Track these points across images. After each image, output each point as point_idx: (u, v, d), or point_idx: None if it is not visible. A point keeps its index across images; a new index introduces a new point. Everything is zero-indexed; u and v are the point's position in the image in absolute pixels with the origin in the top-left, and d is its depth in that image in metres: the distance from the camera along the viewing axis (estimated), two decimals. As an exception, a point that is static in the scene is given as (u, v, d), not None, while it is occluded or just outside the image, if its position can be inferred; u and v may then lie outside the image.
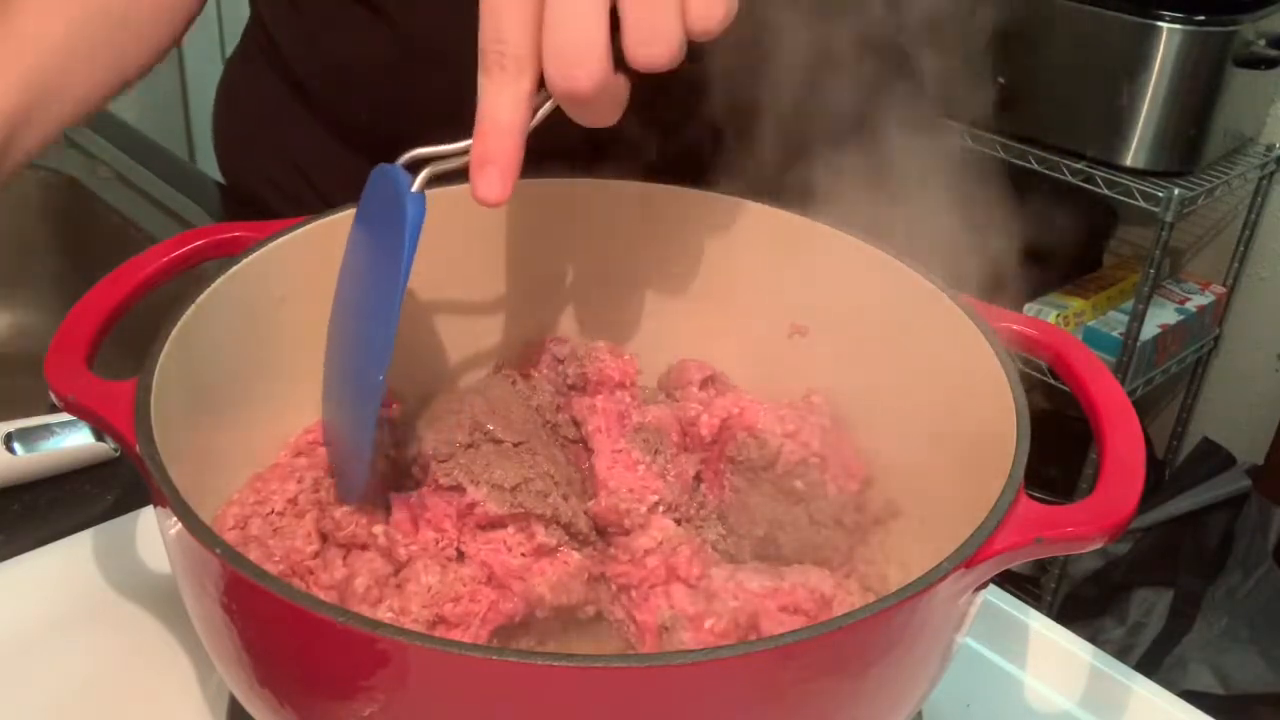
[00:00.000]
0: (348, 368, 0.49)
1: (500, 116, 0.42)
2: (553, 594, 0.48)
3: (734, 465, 0.54)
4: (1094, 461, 1.63)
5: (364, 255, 0.48)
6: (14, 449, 0.62)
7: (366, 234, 0.49)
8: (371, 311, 0.46)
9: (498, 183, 0.43)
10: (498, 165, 0.42)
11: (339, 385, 0.51)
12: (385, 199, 0.46)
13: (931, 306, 0.52)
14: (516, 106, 0.42)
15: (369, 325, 0.46)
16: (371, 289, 0.47)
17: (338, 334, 0.51)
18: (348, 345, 0.49)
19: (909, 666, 0.41)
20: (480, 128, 0.43)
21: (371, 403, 0.45)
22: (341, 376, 0.50)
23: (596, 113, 0.43)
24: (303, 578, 0.48)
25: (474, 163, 0.43)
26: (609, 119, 0.44)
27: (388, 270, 0.44)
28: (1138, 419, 0.46)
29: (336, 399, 0.51)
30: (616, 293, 0.61)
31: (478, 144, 0.43)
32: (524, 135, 0.43)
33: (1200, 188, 1.59)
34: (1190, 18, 1.50)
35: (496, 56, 0.42)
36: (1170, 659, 1.64)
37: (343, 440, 0.50)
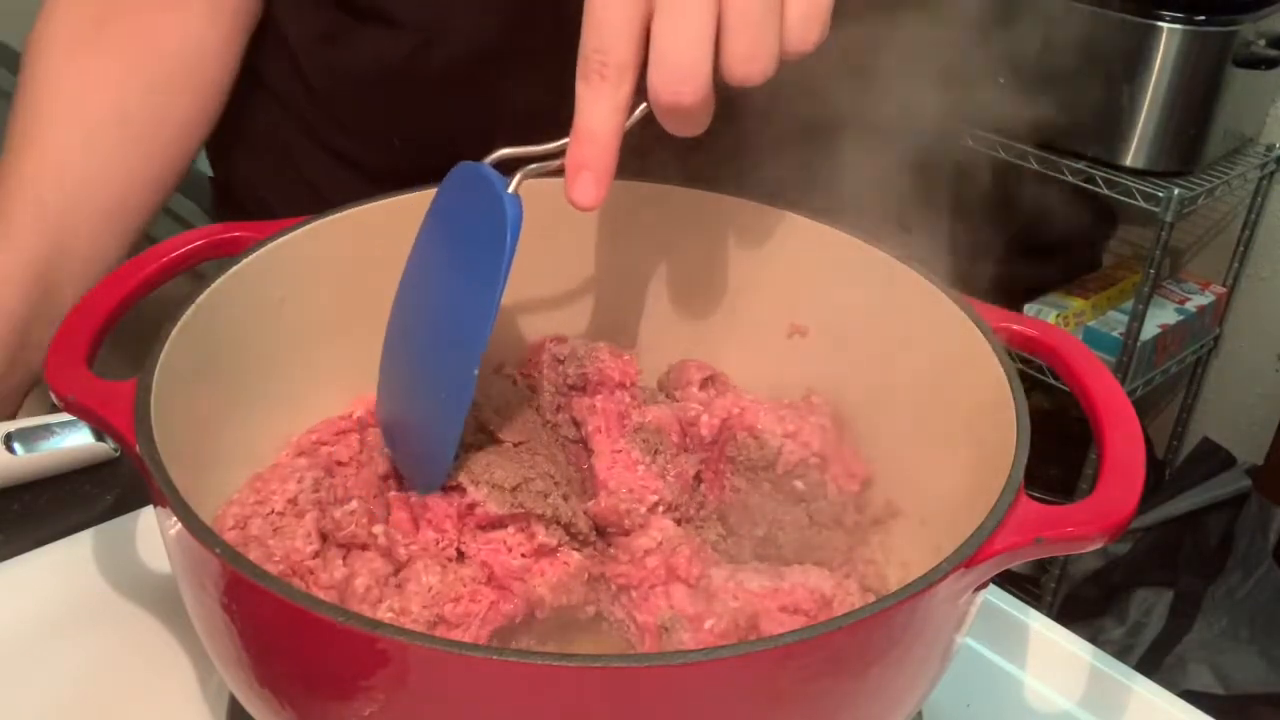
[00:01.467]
0: (427, 365, 0.49)
1: (597, 124, 0.44)
2: (553, 595, 0.48)
3: (734, 465, 0.54)
4: (1094, 461, 1.63)
5: (446, 253, 0.49)
6: (14, 449, 0.62)
7: (449, 231, 0.49)
8: (461, 310, 0.47)
9: (593, 188, 0.44)
10: (594, 171, 0.44)
11: (413, 383, 0.51)
12: (472, 197, 0.47)
13: (931, 306, 0.52)
14: (614, 115, 0.44)
15: (457, 324, 0.47)
16: (460, 288, 0.47)
17: (410, 332, 0.51)
18: (428, 342, 0.50)
19: (909, 666, 0.41)
20: (577, 134, 0.44)
21: (464, 395, 0.46)
22: (417, 374, 0.50)
23: (692, 123, 0.44)
24: (303, 578, 0.48)
25: (570, 168, 0.44)
26: (699, 129, 0.45)
27: (481, 270, 0.46)
28: (1138, 419, 0.46)
29: (409, 395, 0.51)
30: (617, 293, 0.61)
31: (574, 150, 0.44)
32: (619, 142, 0.44)
33: (1200, 188, 1.59)
34: (1190, 18, 1.50)
35: (598, 65, 0.43)
36: (1170, 659, 1.64)
37: (420, 434, 0.50)
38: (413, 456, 0.51)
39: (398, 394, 0.52)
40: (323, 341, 0.54)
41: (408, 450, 0.52)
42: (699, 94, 0.43)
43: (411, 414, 0.51)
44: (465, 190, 0.48)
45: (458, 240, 0.48)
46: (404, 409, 0.52)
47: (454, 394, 0.47)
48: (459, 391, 0.47)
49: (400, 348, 0.52)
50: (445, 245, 0.49)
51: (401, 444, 0.52)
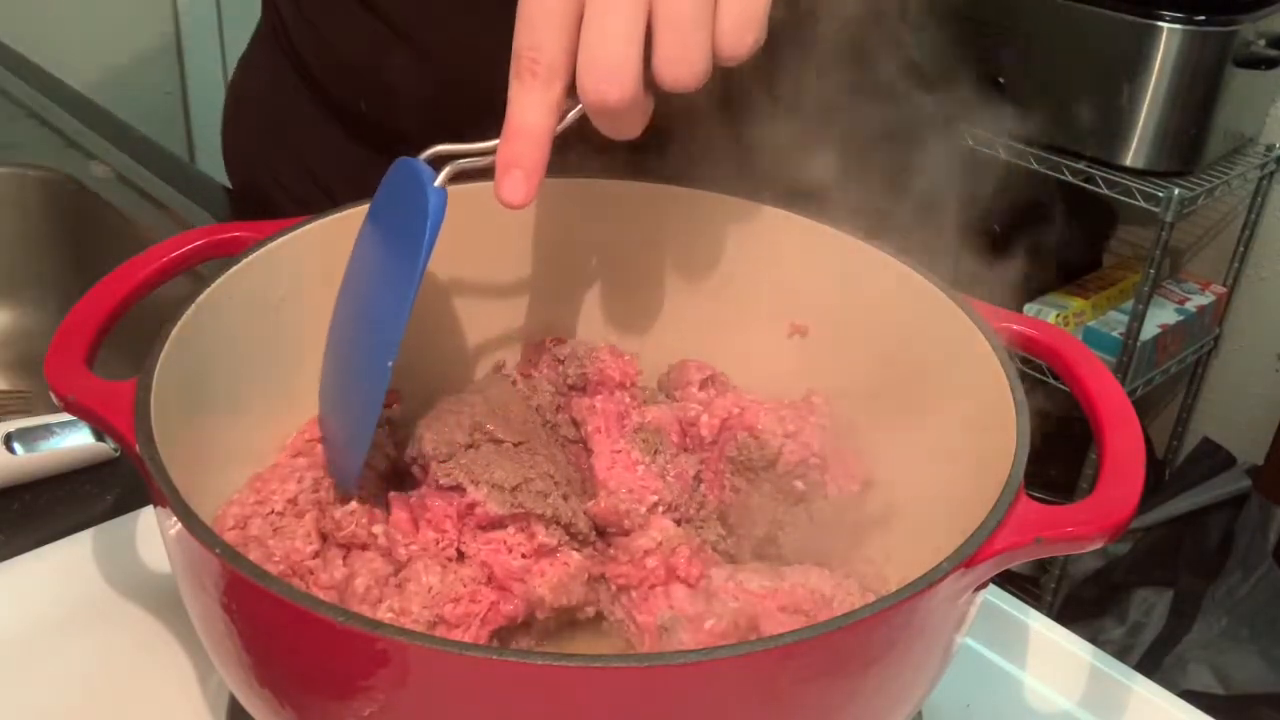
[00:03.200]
0: (353, 357, 0.49)
1: (528, 122, 0.43)
2: (553, 595, 0.48)
3: (734, 465, 0.54)
4: (1094, 461, 1.63)
5: (378, 246, 0.49)
6: (14, 449, 0.62)
7: (382, 225, 0.49)
8: (383, 301, 0.47)
9: (522, 186, 0.44)
10: (523, 169, 0.44)
11: (341, 375, 0.51)
12: (404, 191, 0.47)
13: (931, 306, 0.52)
14: (545, 113, 0.43)
15: (379, 314, 0.47)
16: (384, 279, 0.47)
17: (343, 323, 0.51)
18: (354, 335, 0.50)
19: (909, 666, 0.41)
20: (508, 131, 0.44)
21: (377, 391, 0.46)
22: (345, 366, 0.50)
23: (623, 125, 0.44)
24: (303, 578, 0.48)
25: (500, 165, 0.44)
26: (633, 132, 0.45)
27: (404, 261, 0.45)
28: (1138, 419, 0.46)
29: (337, 389, 0.51)
30: (617, 293, 0.61)
31: (504, 147, 0.44)
32: (550, 141, 0.44)
33: (1200, 188, 1.59)
34: (1190, 18, 1.50)
35: (530, 63, 0.43)
36: (1170, 659, 1.64)
37: (341, 430, 0.50)
38: (334, 449, 0.51)
39: (328, 389, 0.52)
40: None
41: (331, 443, 0.52)
42: (625, 93, 0.42)
43: (334, 411, 0.51)
44: (399, 184, 0.48)
45: (387, 233, 0.48)
46: (331, 402, 0.52)
47: (371, 386, 0.46)
48: (375, 384, 0.46)
49: (332, 343, 0.52)
50: (377, 239, 0.49)
51: (329, 437, 0.52)
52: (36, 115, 1.00)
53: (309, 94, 0.81)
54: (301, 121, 0.82)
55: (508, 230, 0.58)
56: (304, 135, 0.82)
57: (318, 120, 0.81)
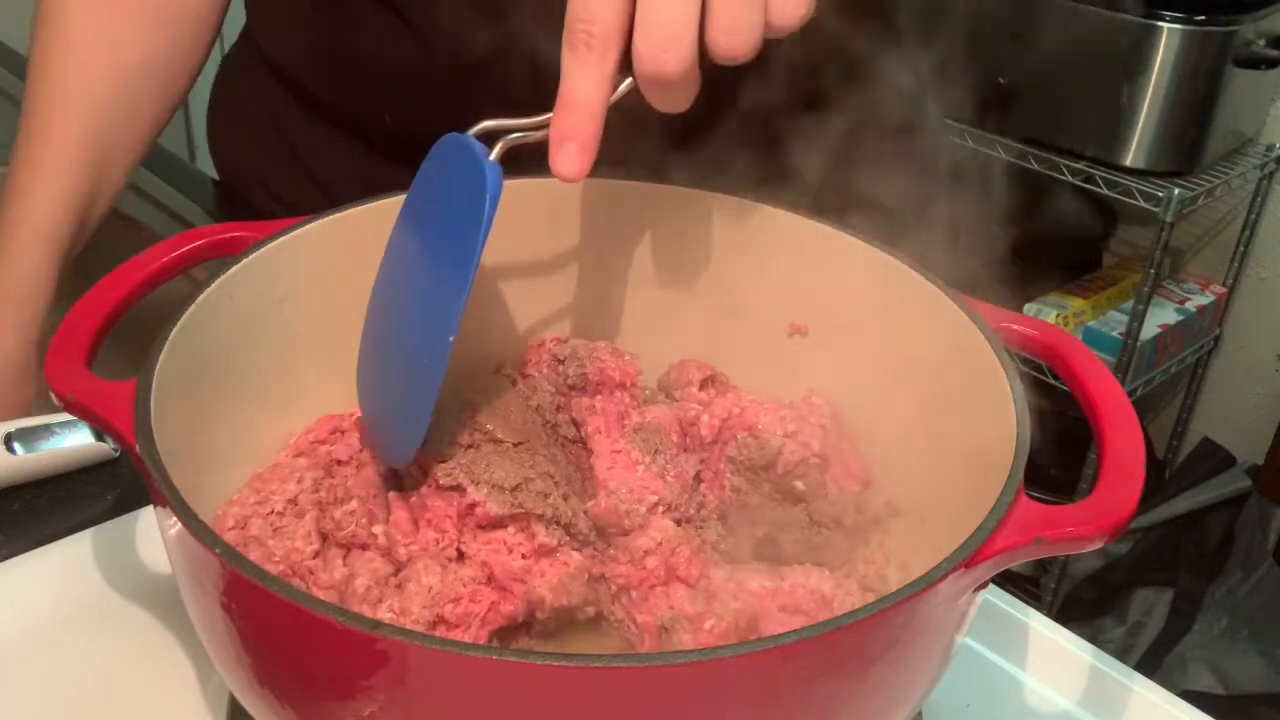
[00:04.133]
0: (404, 336, 0.49)
1: (582, 94, 0.43)
2: (553, 596, 0.48)
3: (734, 465, 0.54)
4: (1094, 461, 1.63)
5: (427, 224, 0.49)
6: (14, 449, 0.62)
7: (430, 202, 0.49)
8: (438, 278, 0.47)
9: (576, 159, 0.44)
10: (578, 141, 0.44)
11: (390, 355, 0.51)
12: (454, 168, 0.47)
13: (931, 306, 0.52)
14: (599, 84, 0.43)
15: (435, 292, 0.47)
16: (438, 257, 0.47)
17: (388, 305, 0.51)
18: (404, 314, 0.49)
19: (909, 666, 0.41)
20: (562, 103, 0.44)
21: (438, 366, 0.46)
22: (394, 346, 0.50)
23: (675, 97, 0.44)
24: (303, 578, 0.48)
25: (554, 138, 0.44)
26: (683, 104, 0.45)
27: (460, 238, 0.45)
28: (1138, 419, 0.46)
29: (386, 370, 0.51)
30: (617, 293, 0.61)
31: (559, 119, 0.44)
32: (604, 113, 0.44)
33: (1200, 188, 1.59)
34: (1190, 18, 1.50)
35: (584, 35, 0.43)
36: (1170, 659, 1.64)
37: (393, 410, 0.50)
38: (386, 430, 0.51)
39: (374, 368, 0.52)
40: (323, 341, 0.54)
41: (382, 424, 0.52)
42: (683, 64, 0.43)
43: (387, 386, 0.51)
44: (448, 161, 0.48)
45: (438, 211, 0.48)
46: (380, 382, 0.52)
47: (430, 362, 0.46)
48: (434, 360, 0.46)
49: (379, 321, 0.52)
50: (426, 216, 0.49)
51: (376, 419, 0.52)
52: (36, 115, 1.00)
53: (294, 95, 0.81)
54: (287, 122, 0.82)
55: (508, 230, 0.58)
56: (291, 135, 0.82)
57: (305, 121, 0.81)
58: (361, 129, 0.78)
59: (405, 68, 0.73)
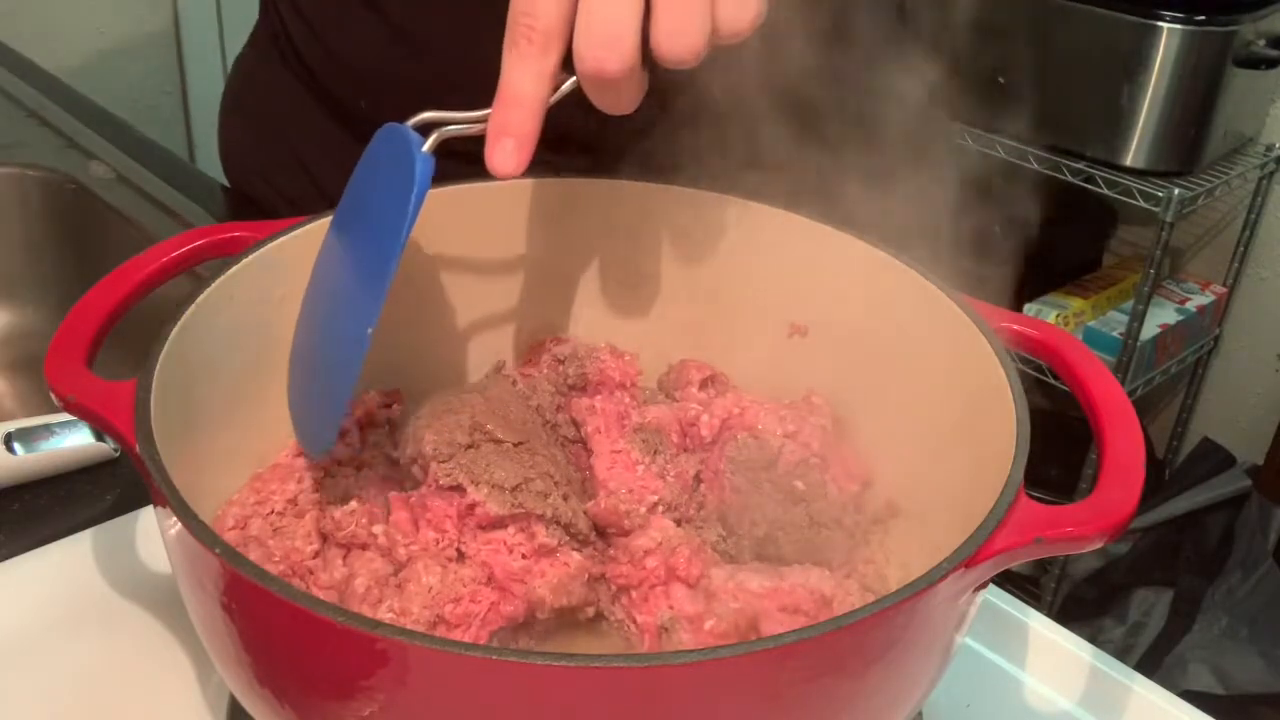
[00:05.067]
0: (331, 325, 0.49)
1: (522, 89, 0.43)
2: (553, 596, 0.48)
3: (734, 465, 0.54)
4: (1094, 461, 1.63)
5: (360, 214, 0.48)
6: (14, 449, 0.62)
7: (365, 192, 0.49)
8: (366, 267, 0.46)
9: (514, 155, 0.43)
10: (515, 138, 0.43)
11: (316, 343, 0.50)
12: (391, 158, 0.46)
13: (931, 306, 0.52)
14: (539, 81, 0.43)
15: (361, 281, 0.46)
16: (367, 246, 0.47)
17: (320, 293, 0.50)
18: (332, 303, 0.49)
19: (909, 666, 0.41)
20: (500, 99, 0.43)
21: (355, 357, 0.45)
22: (321, 334, 0.50)
23: (618, 98, 0.44)
24: (303, 578, 0.48)
25: (491, 133, 0.44)
26: (628, 106, 0.44)
27: (387, 227, 0.45)
28: (1138, 419, 0.46)
29: (312, 358, 0.51)
30: (617, 293, 0.61)
31: (497, 114, 0.43)
32: (543, 110, 0.43)
33: (1200, 188, 1.59)
34: (1190, 18, 1.50)
35: (525, 30, 0.43)
36: (1170, 659, 1.64)
37: (315, 399, 0.50)
38: (305, 421, 0.51)
39: (301, 356, 0.52)
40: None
41: (302, 415, 0.51)
42: (623, 63, 0.42)
43: (309, 377, 0.51)
44: (386, 150, 0.47)
45: (371, 200, 0.48)
46: (302, 372, 0.51)
47: (349, 353, 0.46)
48: (354, 350, 0.45)
49: (308, 308, 0.51)
50: (359, 206, 0.49)
51: (299, 409, 0.51)
52: (36, 115, 1.00)
53: (309, 94, 0.81)
54: (300, 122, 0.82)
55: (508, 230, 0.58)
56: (302, 135, 0.82)
57: (317, 120, 0.81)
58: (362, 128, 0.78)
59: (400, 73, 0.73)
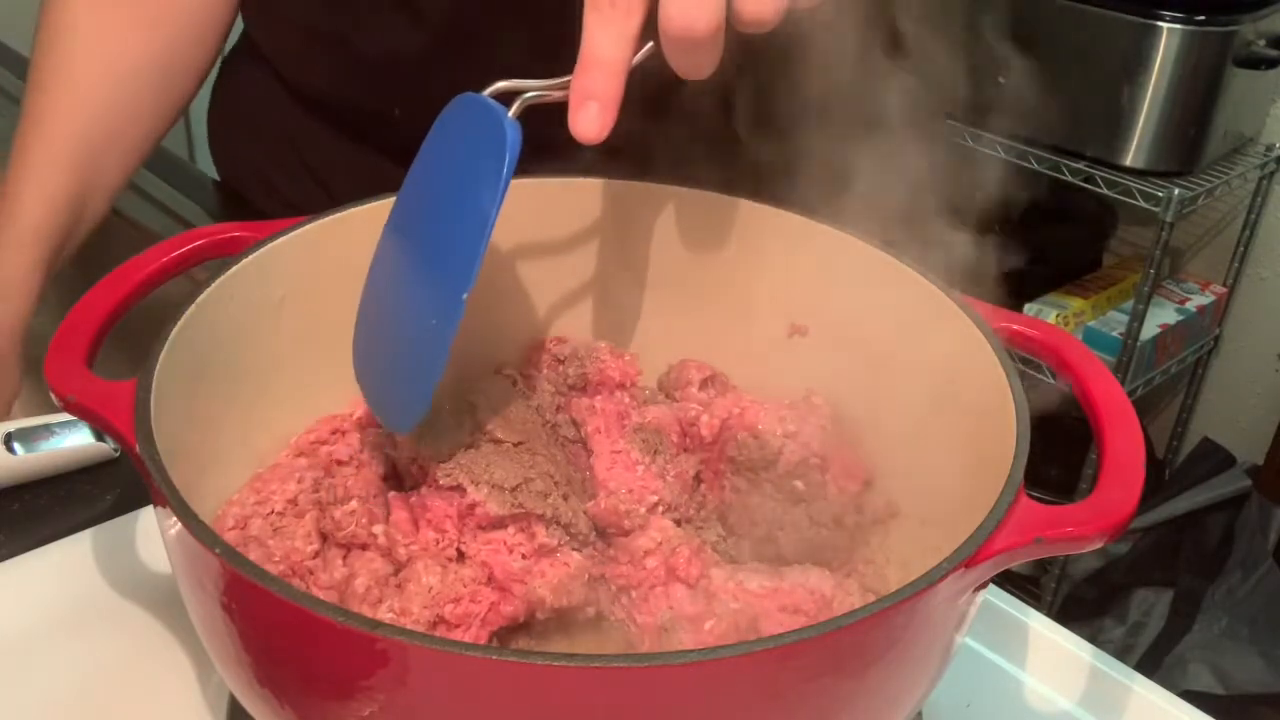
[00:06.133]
0: (412, 299, 0.48)
1: (605, 53, 0.43)
2: (554, 596, 0.48)
3: (734, 466, 0.54)
4: (1094, 461, 1.63)
5: (438, 184, 0.48)
6: (14, 449, 0.62)
7: (442, 163, 0.48)
8: (452, 236, 0.46)
9: (597, 119, 0.43)
10: (599, 101, 0.43)
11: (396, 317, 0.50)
12: (469, 127, 0.46)
13: (931, 306, 0.52)
14: (622, 44, 0.43)
15: (448, 249, 0.46)
16: (451, 215, 0.46)
17: (394, 267, 0.50)
18: (412, 277, 0.49)
19: (909, 666, 0.41)
20: (583, 63, 0.43)
21: (451, 323, 0.45)
22: (404, 304, 0.49)
23: (700, 60, 0.43)
24: (303, 578, 0.48)
25: (574, 97, 0.43)
26: (708, 69, 0.44)
27: (477, 194, 0.45)
28: (1138, 419, 0.46)
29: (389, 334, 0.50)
30: (616, 293, 0.61)
31: (579, 78, 0.43)
32: (626, 74, 0.43)
33: (1200, 188, 1.59)
34: (1190, 18, 1.50)
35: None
36: (1170, 659, 1.64)
37: (399, 374, 0.49)
38: (389, 397, 0.50)
39: (375, 336, 0.51)
40: (323, 341, 0.54)
41: (385, 391, 0.51)
42: (713, 21, 0.42)
43: (392, 352, 0.50)
44: (461, 122, 0.47)
45: (451, 170, 0.47)
46: (383, 349, 0.51)
47: (441, 321, 0.46)
48: (446, 318, 0.45)
49: (382, 289, 0.51)
50: (437, 176, 0.48)
51: (379, 387, 0.51)
52: (36, 115, 1.00)
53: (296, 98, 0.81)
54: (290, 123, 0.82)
55: (508, 230, 0.58)
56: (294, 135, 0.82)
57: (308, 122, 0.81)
58: (364, 126, 0.78)
59: (415, 60, 0.72)
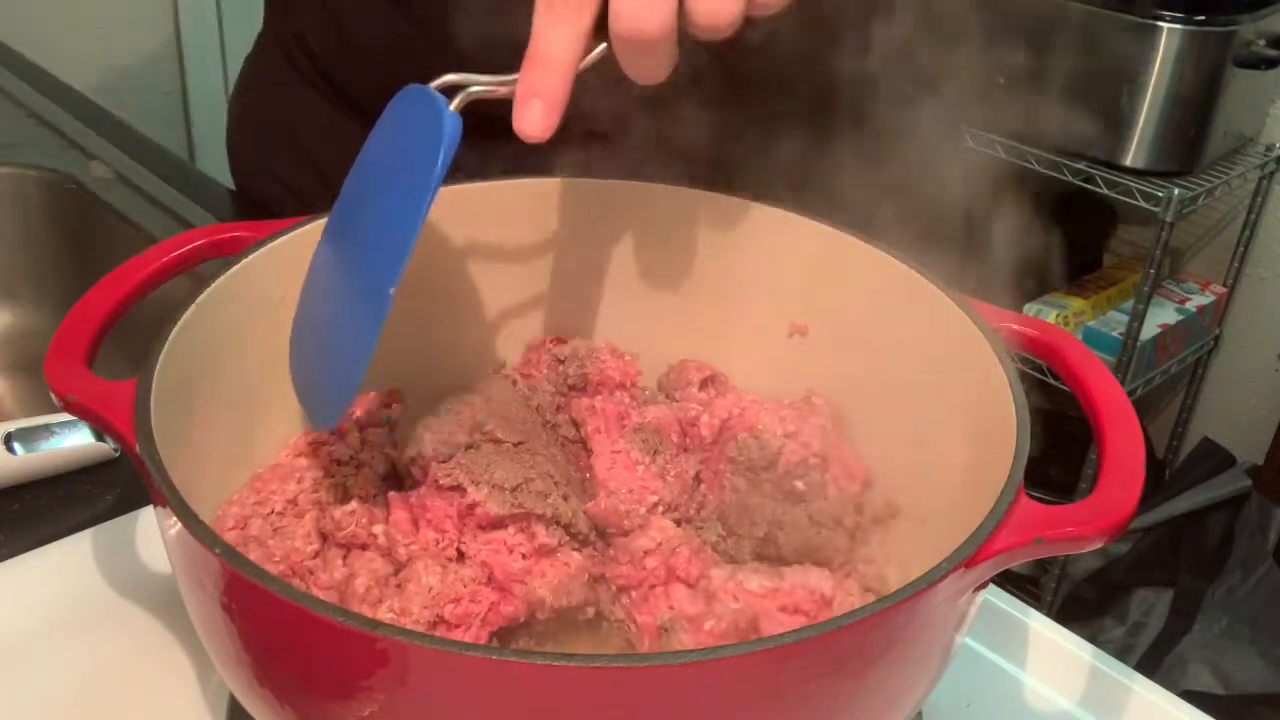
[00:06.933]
0: (346, 288, 0.48)
1: (552, 51, 0.42)
2: (554, 597, 0.48)
3: (734, 466, 0.54)
4: (1094, 461, 1.63)
5: (379, 175, 0.47)
6: (14, 449, 0.62)
7: (384, 153, 0.48)
8: (388, 226, 0.45)
9: (541, 117, 0.42)
10: (545, 100, 0.42)
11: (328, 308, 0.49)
12: (412, 119, 0.45)
13: (931, 306, 0.52)
14: (570, 43, 0.42)
15: (382, 241, 0.45)
16: (388, 206, 0.45)
17: (331, 257, 0.49)
18: (346, 266, 0.48)
19: (909, 666, 0.41)
20: (529, 60, 0.42)
21: (377, 318, 0.44)
22: (334, 298, 0.48)
23: (652, 64, 0.43)
24: (303, 578, 0.48)
25: (520, 95, 0.43)
26: (659, 74, 0.44)
27: (412, 187, 0.44)
28: (1138, 419, 0.46)
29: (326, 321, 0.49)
30: (617, 293, 0.61)
31: (526, 76, 0.42)
32: (573, 74, 0.42)
33: (1200, 188, 1.59)
34: (1190, 18, 1.50)
35: None
36: (1170, 659, 1.64)
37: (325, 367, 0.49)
38: (317, 388, 0.50)
39: (308, 326, 0.50)
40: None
41: (313, 383, 0.50)
42: (665, 24, 0.41)
43: (320, 344, 0.49)
44: (407, 112, 0.46)
45: (391, 161, 0.47)
46: (313, 340, 0.50)
47: (369, 316, 0.44)
48: (374, 311, 0.44)
49: (317, 276, 0.50)
50: (378, 167, 0.48)
51: (306, 378, 0.50)
52: (36, 115, 1.00)
53: (319, 93, 0.81)
54: (312, 121, 0.82)
55: (508, 230, 0.58)
56: (314, 135, 0.82)
57: (329, 119, 0.81)
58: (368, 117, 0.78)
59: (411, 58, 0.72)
